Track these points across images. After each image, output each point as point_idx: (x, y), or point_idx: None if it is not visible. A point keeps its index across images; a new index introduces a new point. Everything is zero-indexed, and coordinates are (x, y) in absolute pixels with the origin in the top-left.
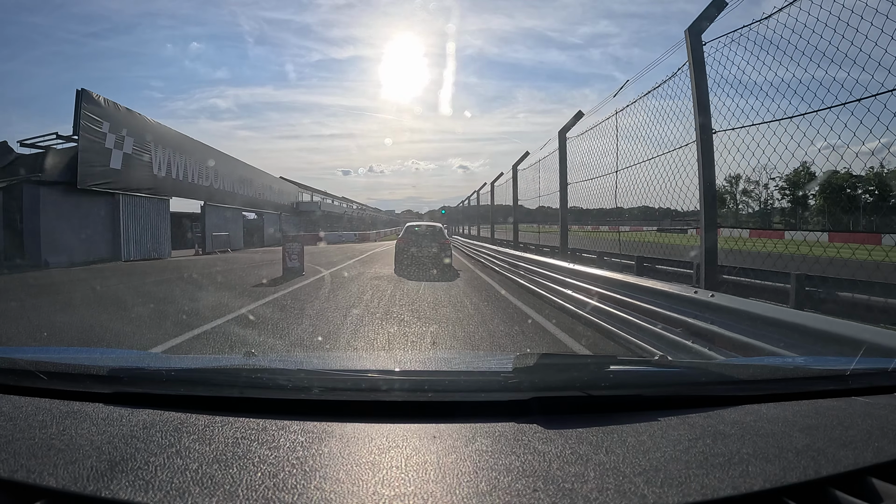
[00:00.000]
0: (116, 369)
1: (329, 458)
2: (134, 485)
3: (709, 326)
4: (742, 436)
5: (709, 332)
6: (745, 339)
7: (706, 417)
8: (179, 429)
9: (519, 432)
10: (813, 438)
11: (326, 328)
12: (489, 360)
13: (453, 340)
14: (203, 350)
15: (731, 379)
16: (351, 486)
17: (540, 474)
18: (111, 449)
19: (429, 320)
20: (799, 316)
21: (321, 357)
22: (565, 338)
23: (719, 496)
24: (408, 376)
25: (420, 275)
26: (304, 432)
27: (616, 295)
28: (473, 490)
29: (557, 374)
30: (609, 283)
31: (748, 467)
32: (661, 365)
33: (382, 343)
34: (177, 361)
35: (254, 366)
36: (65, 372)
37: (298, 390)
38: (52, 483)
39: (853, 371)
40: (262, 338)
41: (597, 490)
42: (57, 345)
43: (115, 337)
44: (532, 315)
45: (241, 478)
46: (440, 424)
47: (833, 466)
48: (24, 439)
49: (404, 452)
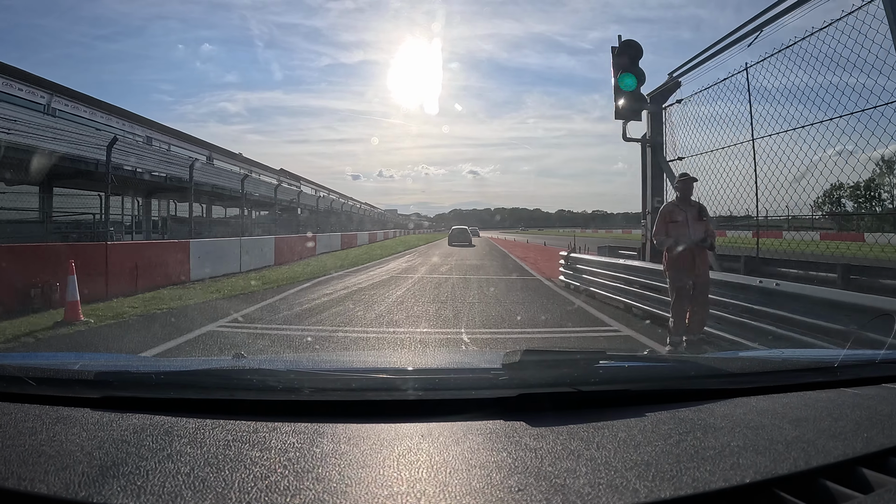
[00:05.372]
0: (105, 373)
1: (321, 458)
2: (126, 490)
3: None
4: (732, 429)
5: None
6: None
7: (696, 411)
8: (170, 432)
9: (510, 429)
10: (803, 430)
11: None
12: (479, 357)
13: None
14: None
15: (720, 372)
16: (343, 487)
17: (532, 470)
18: (102, 454)
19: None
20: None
21: (311, 358)
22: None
23: (711, 489)
24: (398, 375)
25: (458, 245)
26: (295, 433)
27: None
28: (466, 487)
29: (547, 371)
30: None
31: (739, 460)
32: (651, 359)
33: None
34: (166, 364)
35: (243, 367)
36: (53, 377)
37: (289, 391)
38: (43, 490)
39: (841, 363)
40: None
41: (589, 485)
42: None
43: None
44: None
45: (233, 480)
46: (431, 423)
47: (823, 457)
48: (14, 446)
49: (396, 451)
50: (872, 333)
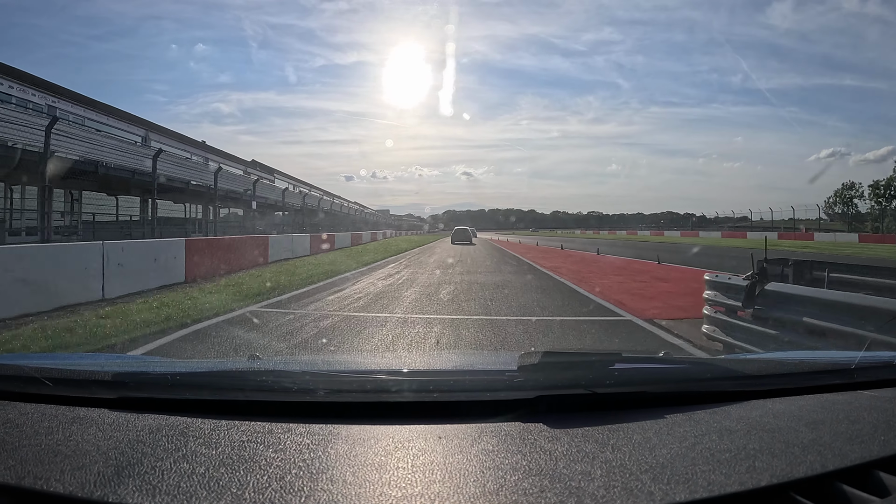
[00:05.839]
0: (121, 374)
1: (335, 459)
2: (141, 490)
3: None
4: (748, 431)
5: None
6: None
7: (712, 413)
8: (185, 433)
9: (524, 431)
10: (819, 433)
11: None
12: (494, 358)
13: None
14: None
15: (736, 374)
16: (358, 488)
17: (546, 473)
18: (117, 454)
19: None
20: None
21: (326, 359)
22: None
23: (726, 492)
24: (413, 377)
25: (460, 244)
26: (309, 434)
27: None
28: (480, 490)
29: (562, 372)
30: None
31: (755, 463)
32: (667, 361)
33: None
34: (182, 366)
35: (259, 369)
36: (70, 378)
37: (304, 392)
38: (59, 489)
39: (858, 364)
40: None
41: (604, 488)
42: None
43: None
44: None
45: (248, 481)
46: (446, 425)
47: (840, 461)
48: (31, 446)
49: (410, 453)
50: (889, 336)
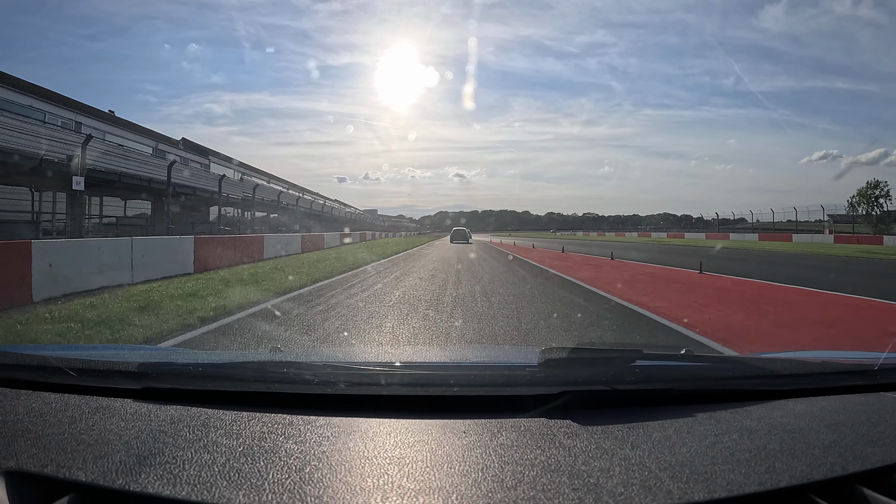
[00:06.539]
0: (144, 365)
1: (354, 452)
2: (162, 479)
3: None
4: (769, 431)
5: None
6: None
7: (733, 412)
8: (207, 423)
9: (544, 427)
10: (840, 434)
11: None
12: (515, 353)
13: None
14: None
15: (758, 373)
16: (376, 481)
17: (565, 469)
18: (139, 444)
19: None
20: None
21: (346, 352)
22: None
23: (745, 492)
24: (433, 370)
25: (458, 243)
26: (329, 427)
27: None
28: (499, 484)
29: (583, 369)
30: None
31: (774, 463)
32: (688, 359)
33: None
34: (204, 357)
35: (280, 360)
36: (93, 368)
37: (324, 385)
38: (81, 477)
39: (882, 365)
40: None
41: (622, 485)
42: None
43: None
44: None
45: (268, 472)
46: (465, 419)
47: (860, 463)
48: (54, 435)
49: (429, 447)
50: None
